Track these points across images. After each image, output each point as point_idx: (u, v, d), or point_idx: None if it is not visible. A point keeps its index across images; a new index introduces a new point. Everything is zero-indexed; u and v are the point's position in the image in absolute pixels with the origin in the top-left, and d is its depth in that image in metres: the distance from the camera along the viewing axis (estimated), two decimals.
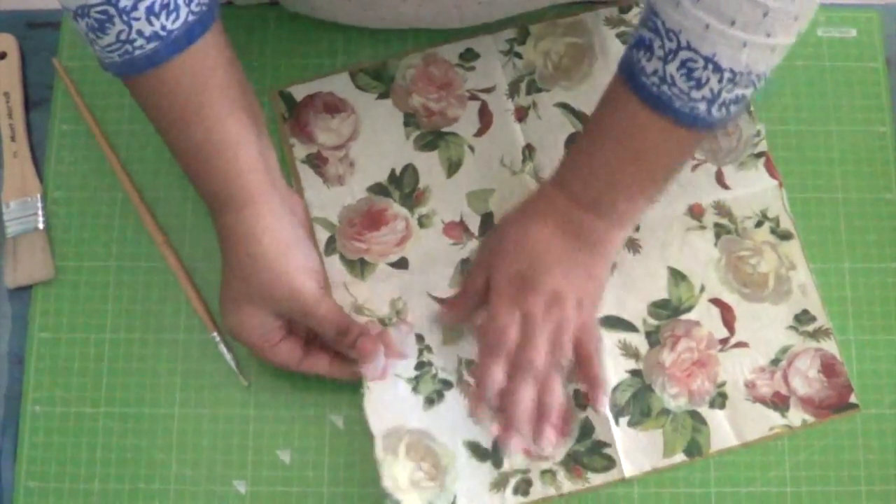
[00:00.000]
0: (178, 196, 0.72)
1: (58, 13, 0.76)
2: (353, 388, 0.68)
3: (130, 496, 0.67)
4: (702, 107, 0.59)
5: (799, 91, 0.74)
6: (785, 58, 0.74)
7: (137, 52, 0.58)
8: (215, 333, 0.69)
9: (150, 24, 0.58)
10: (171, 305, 0.70)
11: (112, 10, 0.57)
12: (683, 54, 0.57)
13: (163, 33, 0.58)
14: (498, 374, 0.64)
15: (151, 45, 0.58)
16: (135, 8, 0.57)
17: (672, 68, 0.58)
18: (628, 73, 0.61)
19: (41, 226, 0.71)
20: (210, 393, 0.69)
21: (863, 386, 0.69)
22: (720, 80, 0.58)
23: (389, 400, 0.68)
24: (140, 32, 0.58)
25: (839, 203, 0.72)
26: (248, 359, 0.69)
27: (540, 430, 0.64)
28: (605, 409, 0.67)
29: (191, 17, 0.59)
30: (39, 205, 0.72)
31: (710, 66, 0.57)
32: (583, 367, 0.66)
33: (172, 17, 0.58)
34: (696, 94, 0.58)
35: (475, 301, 0.67)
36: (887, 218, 0.72)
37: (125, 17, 0.57)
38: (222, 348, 0.69)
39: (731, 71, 0.57)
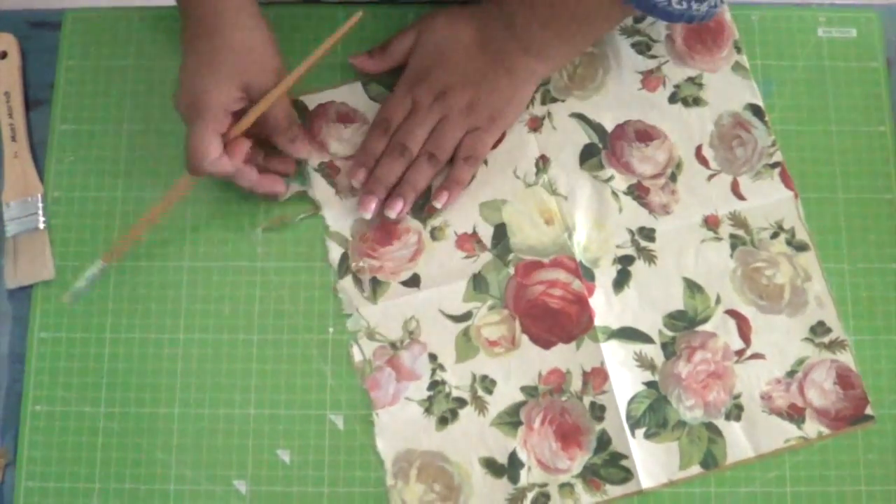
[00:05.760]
0: None
1: (58, 13, 0.76)
2: (354, 387, 0.68)
3: (130, 496, 0.67)
4: None
5: (799, 91, 0.74)
6: (785, 58, 0.75)
7: None
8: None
9: None
10: (171, 305, 0.70)
11: None
12: None
13: None
14: (376, 146, 0.70)
15: None
16: None
17: None
18: None
19: (41, 226, 0.71)
20: (210, 393, 0.69)
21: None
22: None
23: (400, 424, 0.68)
24: None
25: (839, 203, 0.72)
26: (249, 357, 0.69)
27: (392, 198, 0.70)
28: (440, 204, 0.70)
29: None
30: (39, 205, 0.72)
31: None
32: (452, 166, 0.71)
33: None
34: None
35: (393, 61, 0.72)
36: (887, 218, 0.72)
37: None
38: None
39: None
